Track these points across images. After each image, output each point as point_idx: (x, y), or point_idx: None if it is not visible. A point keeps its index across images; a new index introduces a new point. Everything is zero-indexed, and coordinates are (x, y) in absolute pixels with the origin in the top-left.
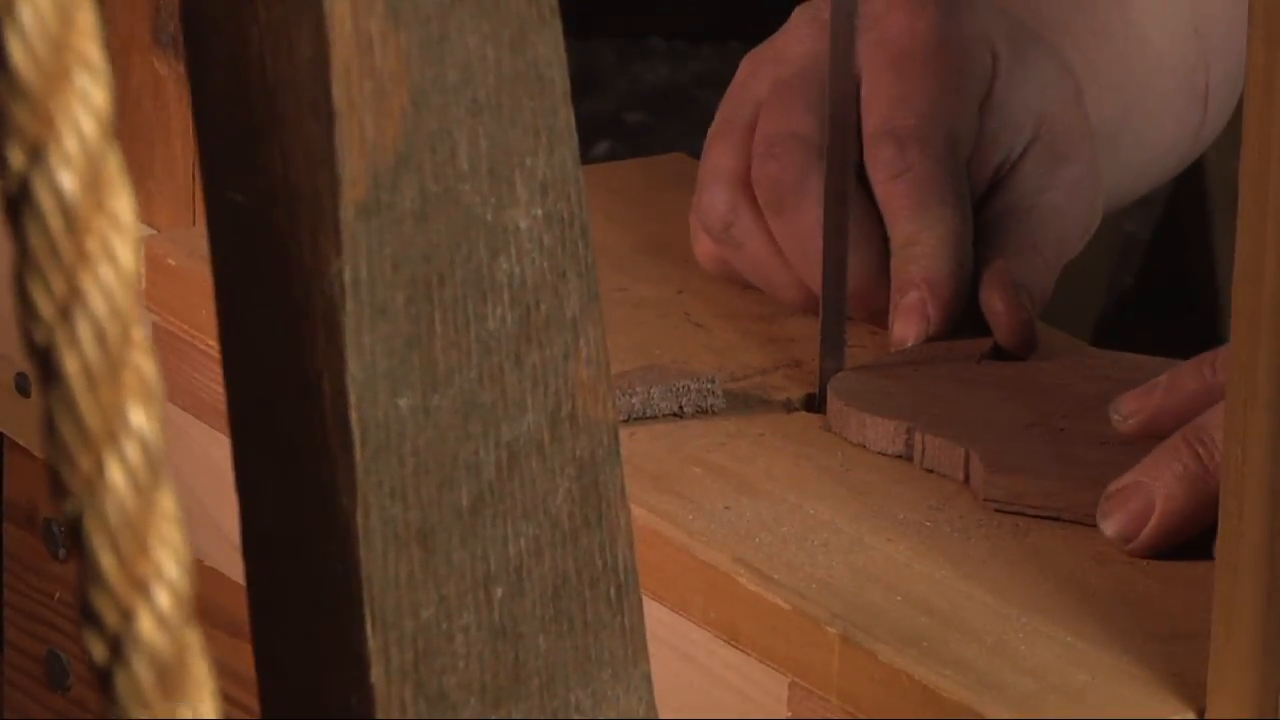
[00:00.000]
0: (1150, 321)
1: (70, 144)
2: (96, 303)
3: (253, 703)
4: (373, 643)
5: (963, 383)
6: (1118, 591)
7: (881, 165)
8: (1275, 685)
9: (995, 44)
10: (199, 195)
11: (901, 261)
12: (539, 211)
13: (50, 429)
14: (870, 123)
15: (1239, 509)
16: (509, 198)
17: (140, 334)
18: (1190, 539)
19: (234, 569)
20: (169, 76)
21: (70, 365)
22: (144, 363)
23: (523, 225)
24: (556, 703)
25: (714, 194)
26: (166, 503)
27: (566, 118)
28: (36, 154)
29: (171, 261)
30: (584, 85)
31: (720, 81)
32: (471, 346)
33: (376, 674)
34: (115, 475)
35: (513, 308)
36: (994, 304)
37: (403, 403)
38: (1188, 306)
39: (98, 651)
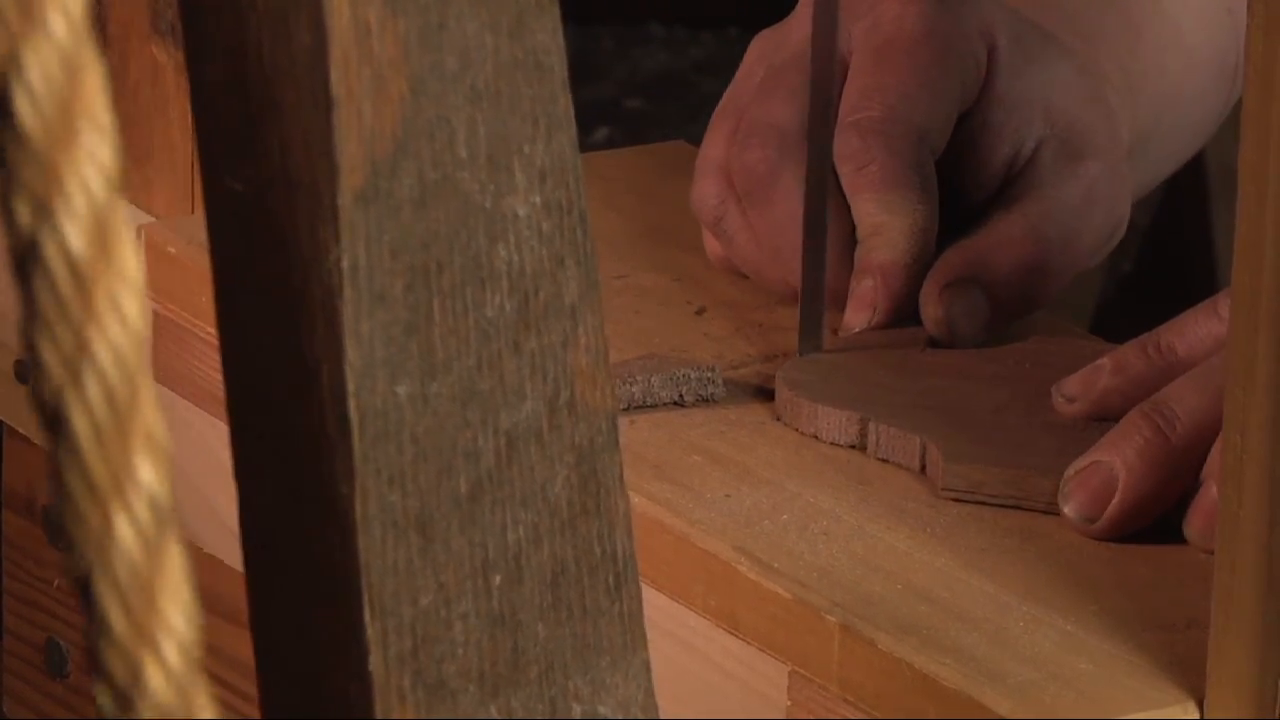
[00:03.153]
0: (1149, 306)
1: (78, 201)
2: (105, 360)
3: (252, 690)
4: (371, 630)
5: (911, 371)
6: (1118, 580)
7: (846, 157)
8: (1274, 673)
9: (995, 38)
10: (198, 182)
11: (863, 250)
12: (537, 199)
13: (59, 484)
14: (841, 112)
15: (1238, 496)
16: (507, 185)
17: (149, 390)
18: (1153, 520)
19: (233, 556)
20: (168, 64)
21: (79, 422)
22: (152, 419)
23: (521, 213)
24: (555, 690)
25: (704, 186)
26: (175, 558)
27: (565, 105)
28: (44, 211)
29: (171, 249)
30: (582, 71)
31: (719, 68)
32: (470, 334)
33: (375, 661)
34: (124, 532)
35: (511, 295)
36: (922, 295)
37: (401, 390)
38: (1186, 291)
39: (107, 705)
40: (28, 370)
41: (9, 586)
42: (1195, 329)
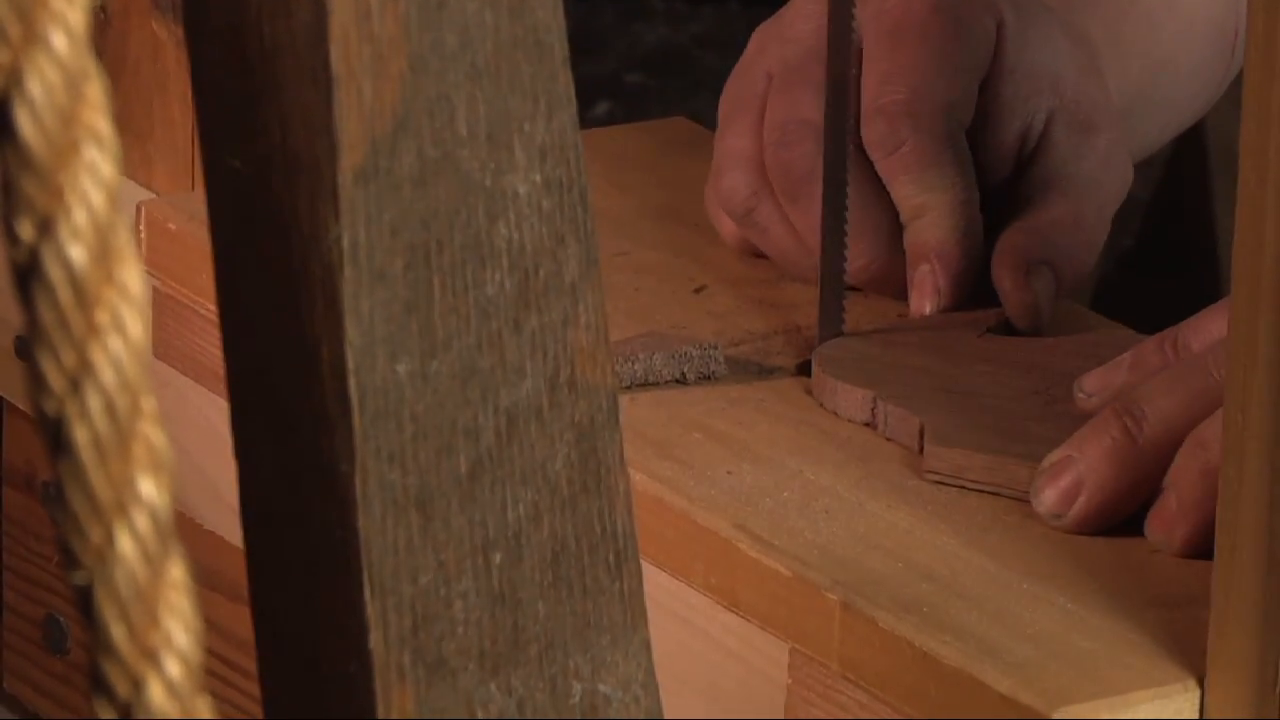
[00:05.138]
0: (1150, 283)
1: (79, 216)
2: (106, 375)
3: (252, 667)
4: (371, 608)
5: (946, 354)
6: (1118, 558)
7: (876, 143)
8: (1275, 651)
9: (1001, 11)
10: (198, 158)
11: (911, 234)
12: (538, 177)
13: (61, 500)
14: (865, 99)
15: (1239, 475)
16: (507, 163)
17: (150, 404)
18: (1124, 518)
19: (233, 533)
20: (168, 40)
21: (80, 437)
22: (154, 434)
23: (521, 191)
24: (555, 668)
25: (734, 179)
26: (176, 572)
27: (565, 83)
28: (46, 226)
29: (171, 225)
30: (583, 46)
31: (720, 42)
32: (470, 312)
33: (375, 639)
34: (125, 546)
35: (511, 273)
36: (1002, 281)
37: (401, 368)
38: (1187, 268)
39: None
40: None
41: (9, 562)
42: (1211, 327)
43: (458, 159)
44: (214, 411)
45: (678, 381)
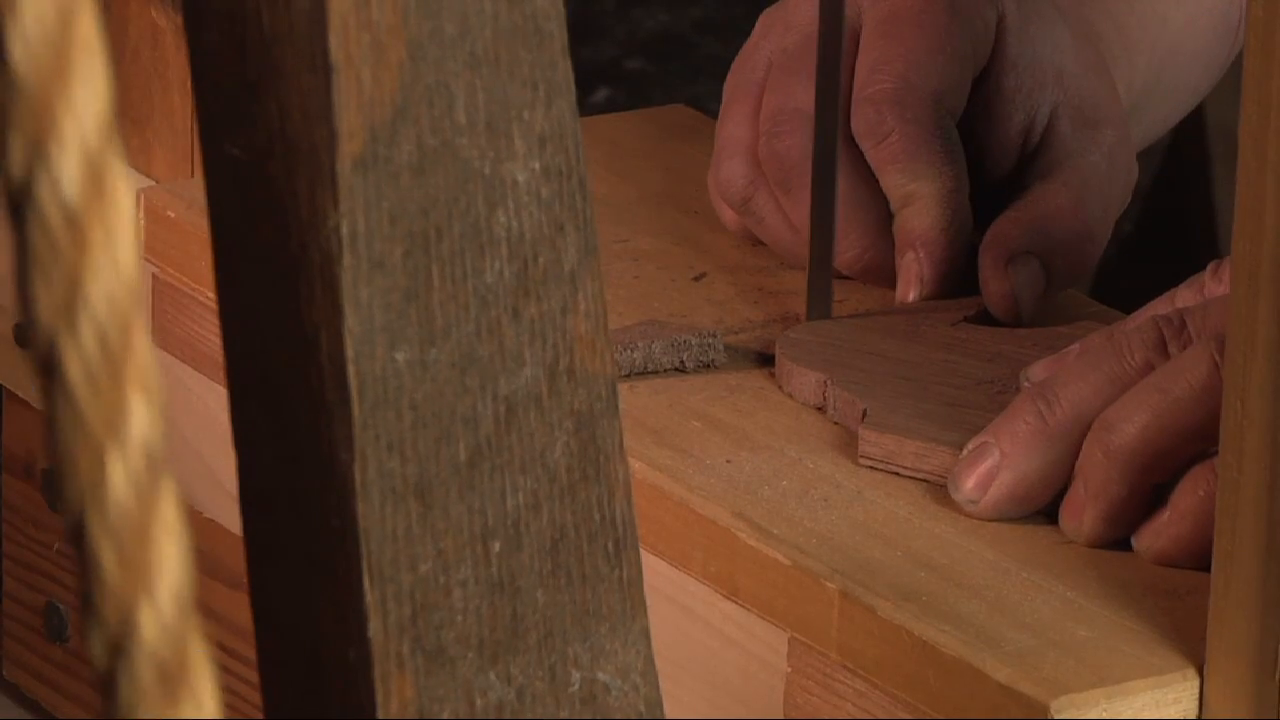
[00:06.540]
0: (1150, 269)
1: (71, 143)
2: (98, 302)
3: (251, 654)
4: (370, 597)
5: (910, 341)
6: (1118, 546)
7: (865, 132)
8: (1275, 640)
9: (1003, 4)
10: (198, 146)
11: (898, 223)
12: (537, 165)
13: (52, 429)
14: (855, 88)
15: (1238, 462)
16: (507, 151)
17: (142, 333)
18: (1047, 502)
19: (232, 521)
20: (167, 28)
21: (72, 364)
22: (146, 362)
23: (520, 179)
24: (554, 657)
25: (732, 167)
26: (168, 502)
27: (565, 70)
28: (38, 153)
29: (170, 213)
30: (582, 32)
31: (720, 28)
32: (469, 300)
33: (374, 628)
34: (116, 475)
35: (510, 261)
36: (984, 270)
37: (400, 356)
38: (1187, 254)
39: (99, 654)
40: (25, 333)
41: (8, 550)
42: (1147, 313)
43: (457, 147)
44: (213, 399)
45: (677, 369)
